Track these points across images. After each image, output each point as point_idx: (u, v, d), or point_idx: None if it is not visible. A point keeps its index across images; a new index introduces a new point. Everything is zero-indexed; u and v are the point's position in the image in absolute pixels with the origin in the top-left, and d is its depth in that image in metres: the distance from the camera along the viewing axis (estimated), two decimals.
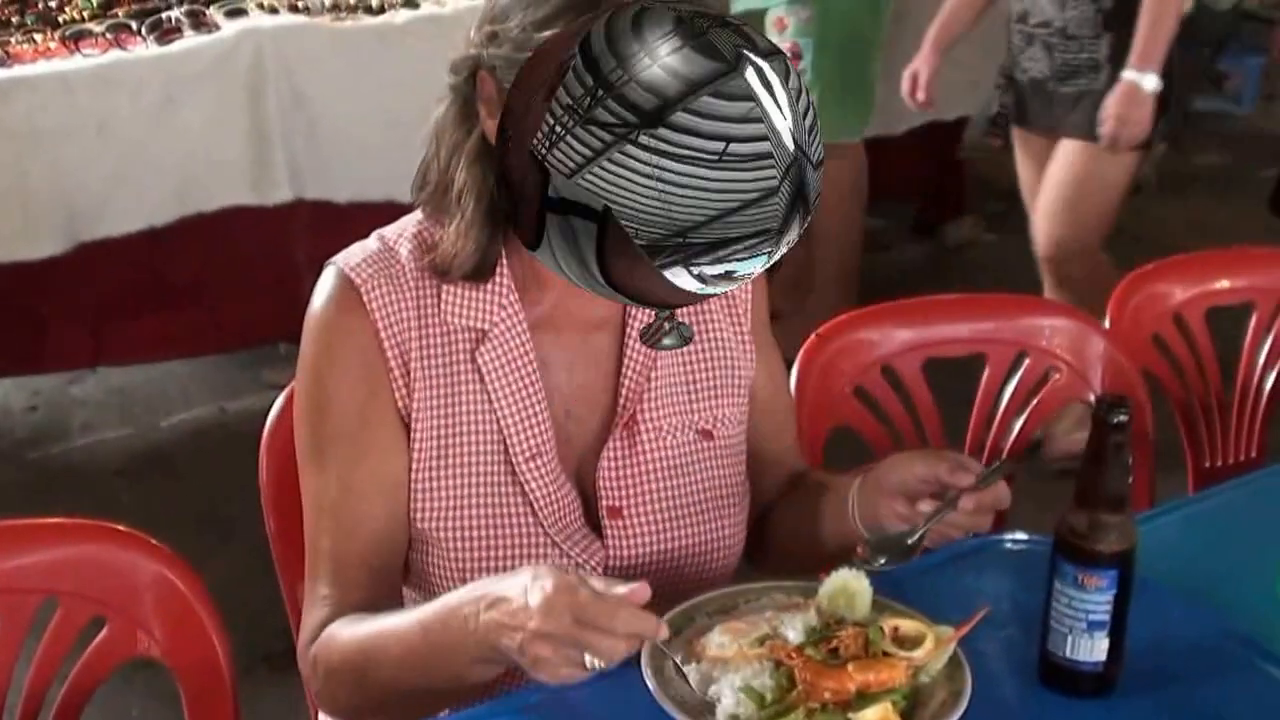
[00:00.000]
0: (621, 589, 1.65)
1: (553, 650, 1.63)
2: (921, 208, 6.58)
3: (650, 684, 1.75)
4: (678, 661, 1.79)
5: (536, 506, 1.96)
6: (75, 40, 4.34)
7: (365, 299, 1.92)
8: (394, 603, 1.98)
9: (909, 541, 1.90)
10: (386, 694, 1.86)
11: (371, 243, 1.99)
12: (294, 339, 2.00)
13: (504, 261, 1.96)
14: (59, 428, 4.91)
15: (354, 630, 1.89)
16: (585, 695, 1.82)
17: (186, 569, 2.00)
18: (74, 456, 4.68)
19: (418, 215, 2.00)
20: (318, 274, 1.99)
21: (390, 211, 2.05)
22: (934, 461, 1.91)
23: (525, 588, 1.66)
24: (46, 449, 4.79)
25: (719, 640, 1.80)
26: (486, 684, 1.88)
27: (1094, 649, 1.82)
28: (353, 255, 1.97)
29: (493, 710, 1.87)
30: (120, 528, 2.01)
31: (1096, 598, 1.80)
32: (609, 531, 2.00)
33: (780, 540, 2.18)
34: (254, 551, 2.45)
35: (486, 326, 1.95)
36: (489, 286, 1.95)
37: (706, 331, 2.10)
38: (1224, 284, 3.01)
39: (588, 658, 1.63)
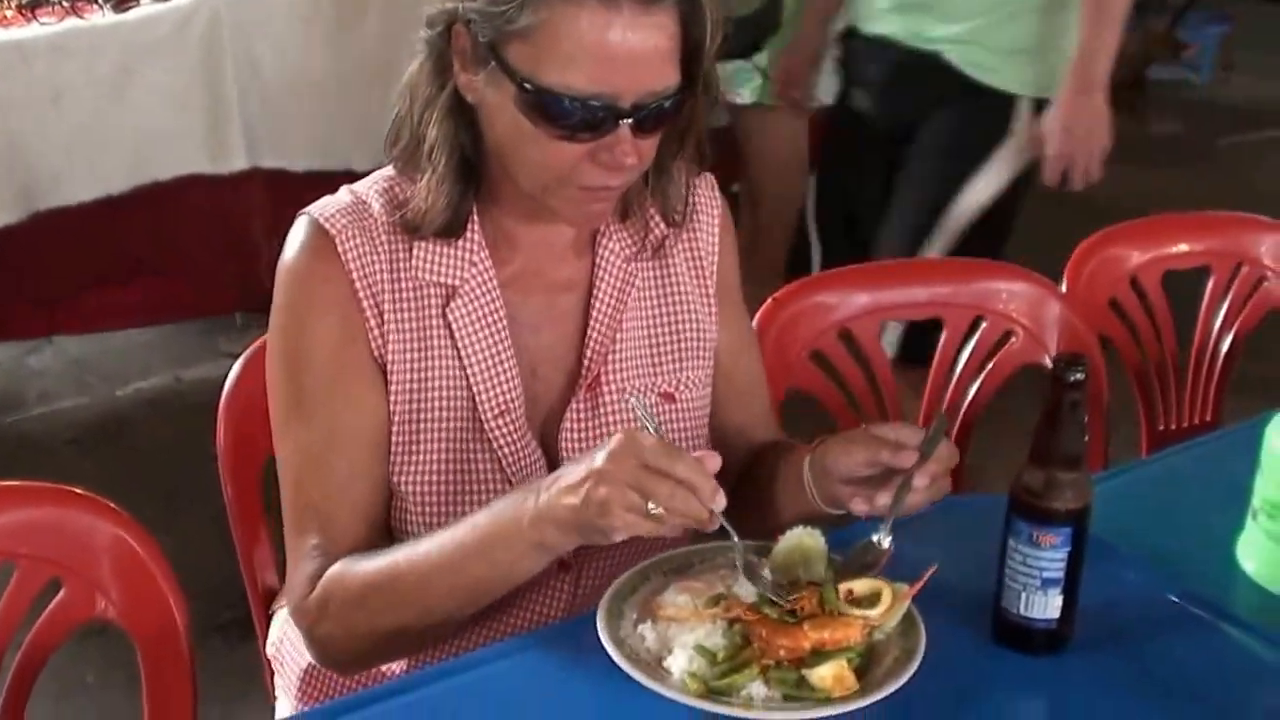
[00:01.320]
0: (693, 454, 1.69)
1: (618, 492, 1.66)
2: None
3: (606, 643, 1.75)
4: (635, 618, 1.80)
5: (504, 463, 1.97)
6: (32, 9, 4.31)
7: (339, 248, 1.92)
8: None
9: (880, 545, 1.88)
10: (412, 612, 1.86)
11: (343, 195, 1.99)
12: (250, 308, 1.99)
13: (475, 220, 1.96)
14: (15, 398, 4.89)
15: (375, 559, 1.88)
16: (542, 656, 1.84)
17: (143, 532, 1.99)
18: (29, 426, 4.66)
19: (387, 172, 2.00)
20: (274, 244, 1.98)
21: (348, 181, 2.04)
22: (873, 447, 1.89)
23: (590, 455, 1.70)
24: (1, 419, 4.77)
25: (675, 599, 1.80)
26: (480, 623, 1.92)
27: (1048, 606, 1.83)
28: (326, 206, 1.96)
29: (455, 666, 1.87)
30: (78, 491, 1.99)
31: (1051, 555, 1.81)
32: None
33: (741, 510, 2.17)
34: (208, 523, 2.45)
35: (457, 283, 1.95)
36: (460, 243, 1.95)
37: (672, 294, 2.10)
38: (1181, 248, 3.02)
39: (650, 505, 1.65)
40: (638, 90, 1.79)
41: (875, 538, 1.86)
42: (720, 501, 1.68)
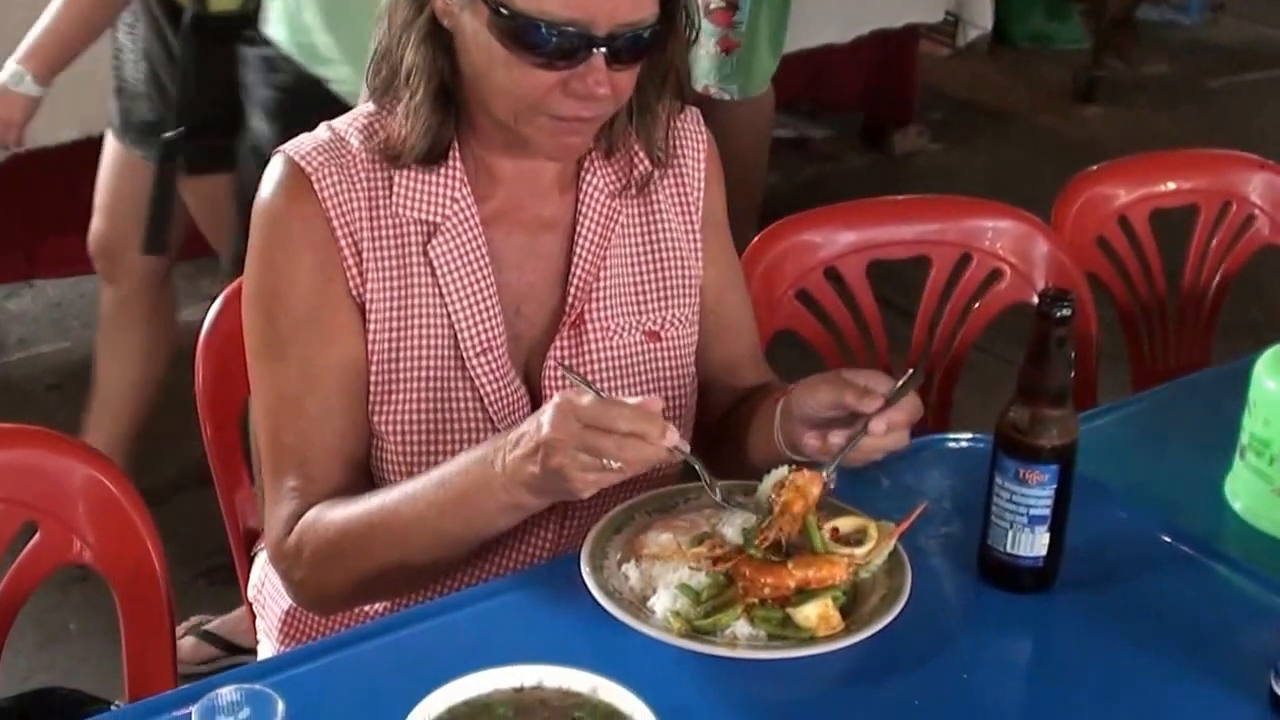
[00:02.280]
0: (631, 400, 1.70)
1: (569, 459, 1.66)
2: (868, 117, 6.54)
3: (589, 583, 1.74)
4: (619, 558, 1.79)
5: (486, 402, 1.94)
6: None
7: (316, 186, 1.89)
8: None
9: (826, 476, 1.83)
10: (388, 564, 1.85)
11: (321, 132, 1.96)
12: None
13: (457, 154, 1.94)
14: None
15: (348, 507, 1.87)
16: (525, 596, 1.82)
17: (119, 474, 1.96)
18: (9, 371, 4.61)
19: (368, 107, 1.97)
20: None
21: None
22: (839, 388, 1.86)
23: (538, 415, 1.71)
24: None
25: (658, 539, 1.79)
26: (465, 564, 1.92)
27: (1034, 544, 1.82)
28: (302, 144, 1.94)
29: (439, 607, 1.85)
30: (52, 432, 1.97)
31: (1038, 492, 1.79)
32: None
33: (721, 452, 2.15)
34: (192, 468, 2.44)
35: (438, 219, 1.93)
36: (441, 179, 1.93)
37: (657, 230, 2.08)
38: (1169, 186, 2.99)
39: (604, 460, 1.65)
40: (613, 19, 1.78)
41: (822, 472, 1.82)
42: (672, 438, 1.67)
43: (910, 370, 1.89)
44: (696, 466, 1.80)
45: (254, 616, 2.22)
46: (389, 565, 1.85)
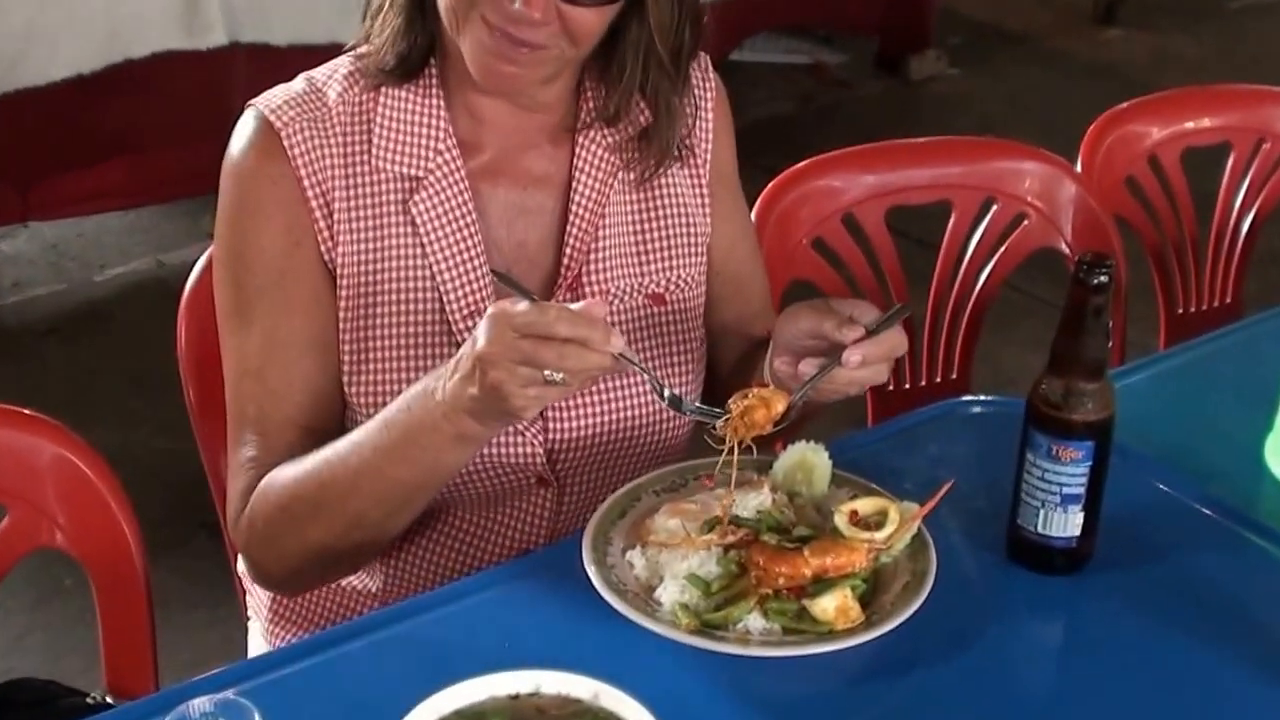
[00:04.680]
0: (573, 306, 1.58)
1: (506, 373, 1.54)
2: (884, 42, 6.43)
3: (591, 574, 1.65)
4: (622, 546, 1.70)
5: None
6: None
7: (286, 143, 1.80)
8: None
9: (793, 403, 1.72)
10: (342, 521, 1.75)
11: (297, 84, 1.87)
12: None
13: (436, 87, 1.84)
14: None
15: (296, 467, 1.78)
16: (525, 586, 1.74)
17: (90, 452, 1.88)
18: (4, 315, 4.58)
19: (350, 56, 1.88)
20: None
21: (334, 54, 1.92)
22: (820, 316, 1.73)
23: (474, 332, 1.59)
24: None
25: (666, 524, 1.69)
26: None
27: (1068, 524, 1.72)
28: (274, 97, 1.85)
29: (435, 599, 1.76)
30: (16, 409, 1.88)
31: (1072, 470, 1.69)
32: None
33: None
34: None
35: (421, 174, 1.83)
36: (423, 121, 1.84)
37: (661, 186, 1.97)
38: (1201, 123, 2.90)
39: (546, 372, 1.54)
40: None
41: (794, 395, 1.71)
42: (617, 344, 1.56)
43: (898, 305, 1.77)
44: (646, 375, 1.69)
45: (244, 592, 2.13)
46: (344, 524, 1.75)
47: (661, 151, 1.92)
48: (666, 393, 1.72)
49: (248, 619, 2.14)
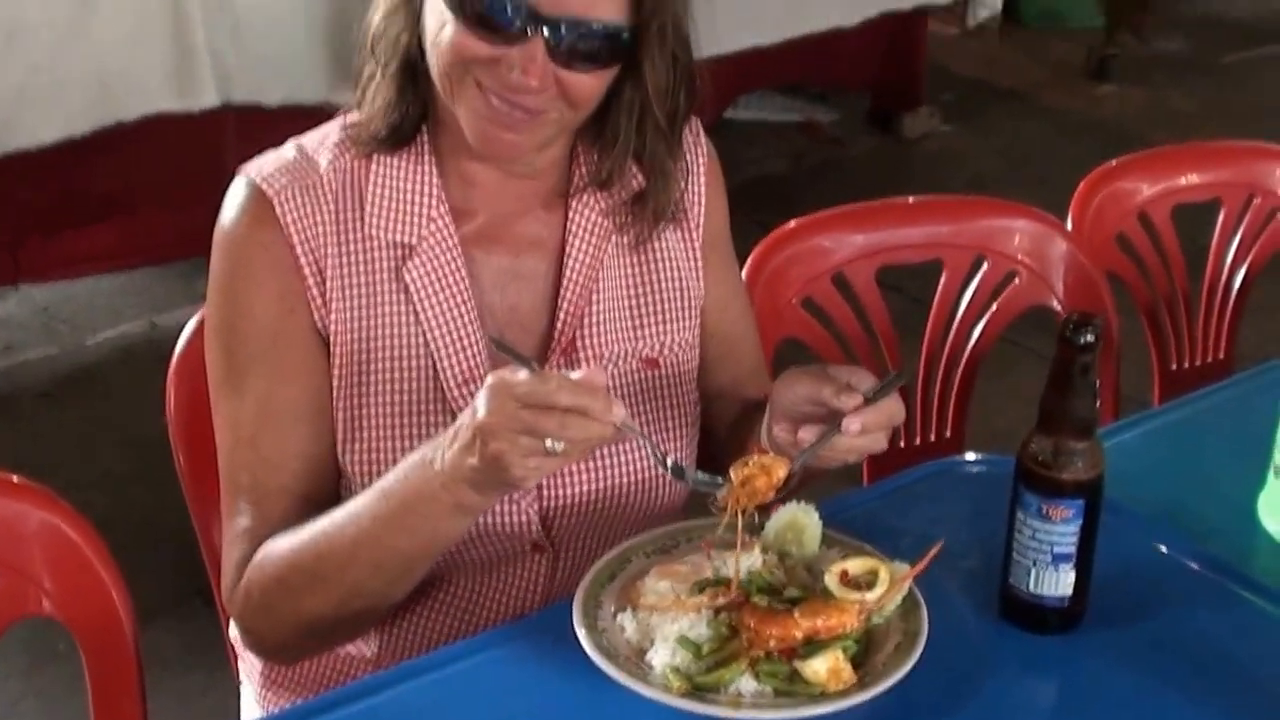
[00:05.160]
0: (573, 374, 1.57)
1: (508, 444, 1.54)
2: (876, 100, 6.45)
3: (582, 638, 1.63)
4: (613, 606, 1.69)
5: None
6: None
7: (278, 211, 1.80)
8: None
9: (791, 471, 1.71)
10: (339, 592, 1.74)
11: (288, 151, 1.86)
12: None
13: (429, 151, 1.84)
14: None
15: (293, 538, 1.77)
16: (517, 650, 1.72)
17: (78, 518, 1.86)
18: None
19: (340, 122, 1.87)
20: None
21: (326, 116, 1.92)
22: (818, 383, 1.73)
23: (473, 402, 1.59)
24: None
25: (656, 586, 1.68)
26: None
27: (1059, 583, 1.71)
28: (265, 164, 1.84)
29: (427, 663, 1.74)
30: (3, 475, 1.86)
31: (1062, 529, 1.69)
32: None
33: (730, 463, 2.04)
34: None
35: (414, 241, 1.82)
36: (415, 190, 1.83)
37: (655, 250, 1.97)
38: (1191, 179, 2.90)
39: (548, 442, 1.53)
40: (559, 7, 1.68)
41: (792, 463, 1.71)
42: (618, 413, 1.55)
43: (894, 372, 1.77)
44: (647, 445, 1.69)
45: (236, 657, 2.11)
46: (342, 594, 1.74)
47: (656, 214, 1.92)
48: (669, 460, 1.72)
49: (240, 684, 2.13)
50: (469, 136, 1.77)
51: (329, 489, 1.85)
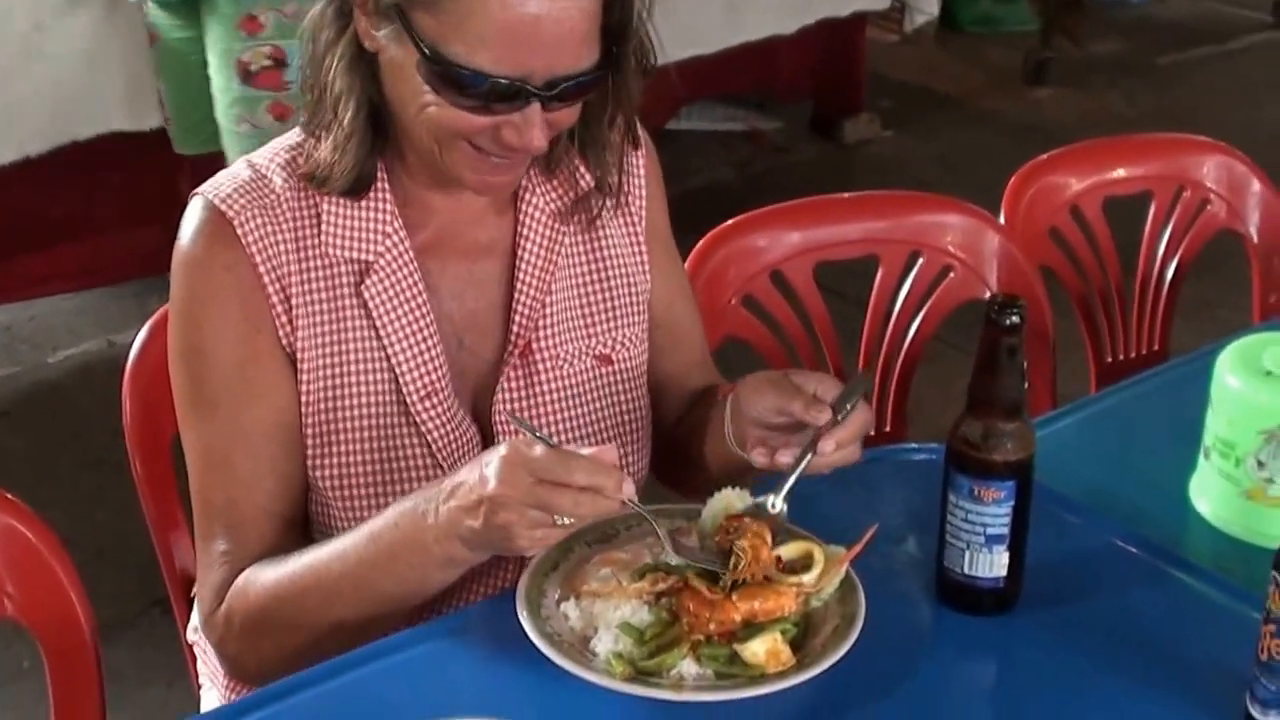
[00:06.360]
0: (585, 450, 1.61)
1: (517, 515, 1.57)
2: (818, 107, 6.48)
3: (526, 626, 1.66)
4: (557, 597, 1.72)
5: (435, 448, 1.85)
6: None
7: (239, 231, 1.79)
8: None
9: (771, 509, 1.75)
10: (322, 627, 1.75)
11: (242, 170, 1.85)
12: None
13: (385, 186, 1.84)
14: None
15: (278, 569, 1.78)
16: (462, 641, 1.75)
17: (37, 522, 1.88)
18: None
19: (289, 139, 1.87)
20: None
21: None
22: (786, 396, 1.77)
23: (480, 466, 1.61)
24: None
25: (598, 574, 1.71)
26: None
27: (993, 564, 1.74)
28: (221, 185, 1.83)
29: (376, 650, 1.75)
30: None
31: (994, 510, 1.71)
32: None
33: (678, 461, 2.07)
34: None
35: (370, 258, 1.83)
36: (370, 213, 1.84)
37: (602, 248, 1.99)
38: (1120, 173, 2.93)
39: (557, 517, 1.56)
40: (551, 71, 1.68)
41: (769, 500, 1.74)
42: (628, 490, 1.59)
43: (859, 374, 1.81)
44: (649, 519, 1.70)
45: (194, 659, 2.13)
46: (324, 629, 1.75)
47: (605, 194, 1.95)
48: (668, 542, 1.71)
49: (200, 687, 2.14)
50: (463, 182, 1.80)
51: (301, 506, 1.87)
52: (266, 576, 1.78)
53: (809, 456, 1.73)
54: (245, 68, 3.59)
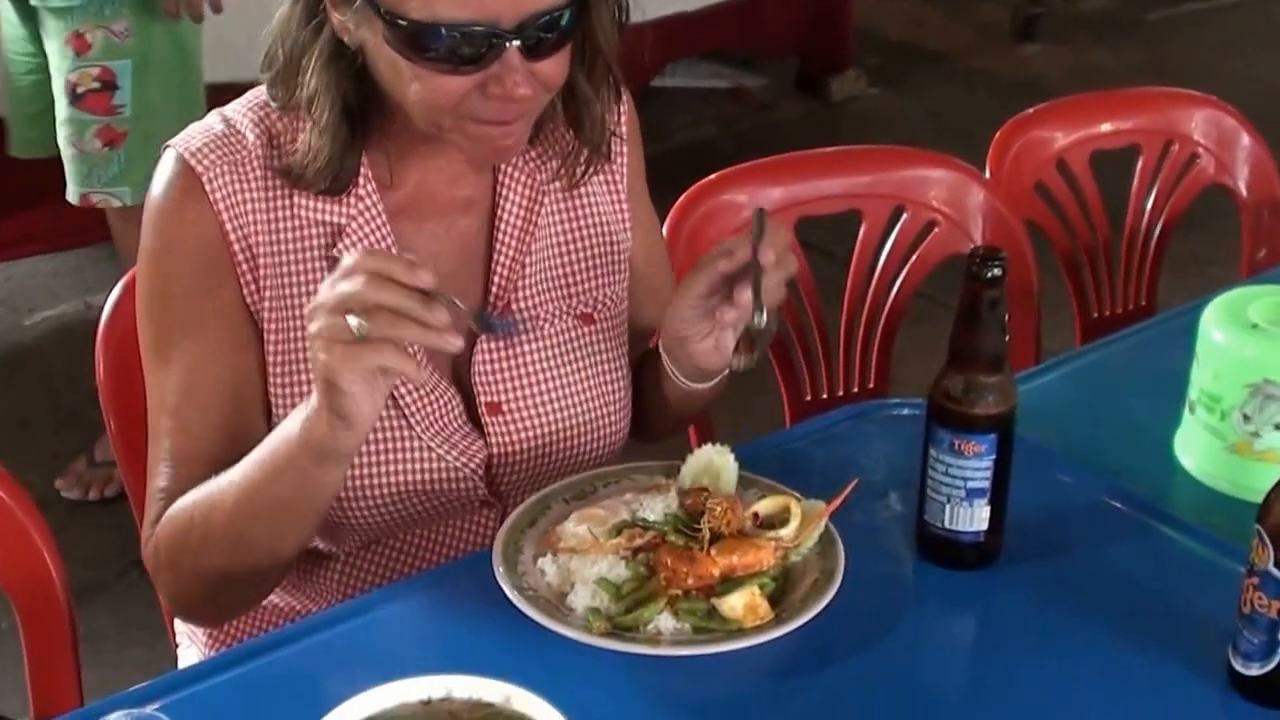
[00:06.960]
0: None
1: (323, 343, 1.53)
2: (804, 64, 6.46)
3: (502, 582, 1.65)
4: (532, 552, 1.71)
5: (407, 411, 1.82)
6: None
7: (207, 187, 1.77)
8: None
9: (759, 325, 1.72)
10: (229, 545, 1.72)
11: (215, 124, 1.83)
12: None
13: (360, 152, 1.81)
14: None
15: (194, 494, 1.75)
16: (438, 597, 1.73)
17: (10, 480, 1.87)
18: None
19: (262, 92, 1.83)
20: None
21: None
22: (706, 269, 1.77)
23: None
24: None
25: (574, 530, 1.70)
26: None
27: (974, 518, 1.73)
28: (193, 138, 1.81)
29: (351, 609, 1.75)
30: None
31: (975, 464, 1.70)
32: (490, 428, 1.87)
33: (648, 412, 2.05)
34: None
35: (343, 220, 1.81)
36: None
37: (584, 208, 1.97)
38: (1108, 127, 2.90)
39: (351, 321, 1.50)
40: (519, 10, 1.64)
41: (754, 319, 1.71)
42: (425, 278, 1.53)
43: (755, 213, 1.78)
44: (443, 298, 1.58)
45: (173, 618, 2.12)
46: (232, 545, 1.72)
47: (591, 152, 1.91)
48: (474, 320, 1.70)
49: (177, 646, 2.13)
50: (469, 157, 1.80)
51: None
52: (185, 502, 1.77)
53: (761, 277, 1.70)
54: (73, 88, 3.50)
